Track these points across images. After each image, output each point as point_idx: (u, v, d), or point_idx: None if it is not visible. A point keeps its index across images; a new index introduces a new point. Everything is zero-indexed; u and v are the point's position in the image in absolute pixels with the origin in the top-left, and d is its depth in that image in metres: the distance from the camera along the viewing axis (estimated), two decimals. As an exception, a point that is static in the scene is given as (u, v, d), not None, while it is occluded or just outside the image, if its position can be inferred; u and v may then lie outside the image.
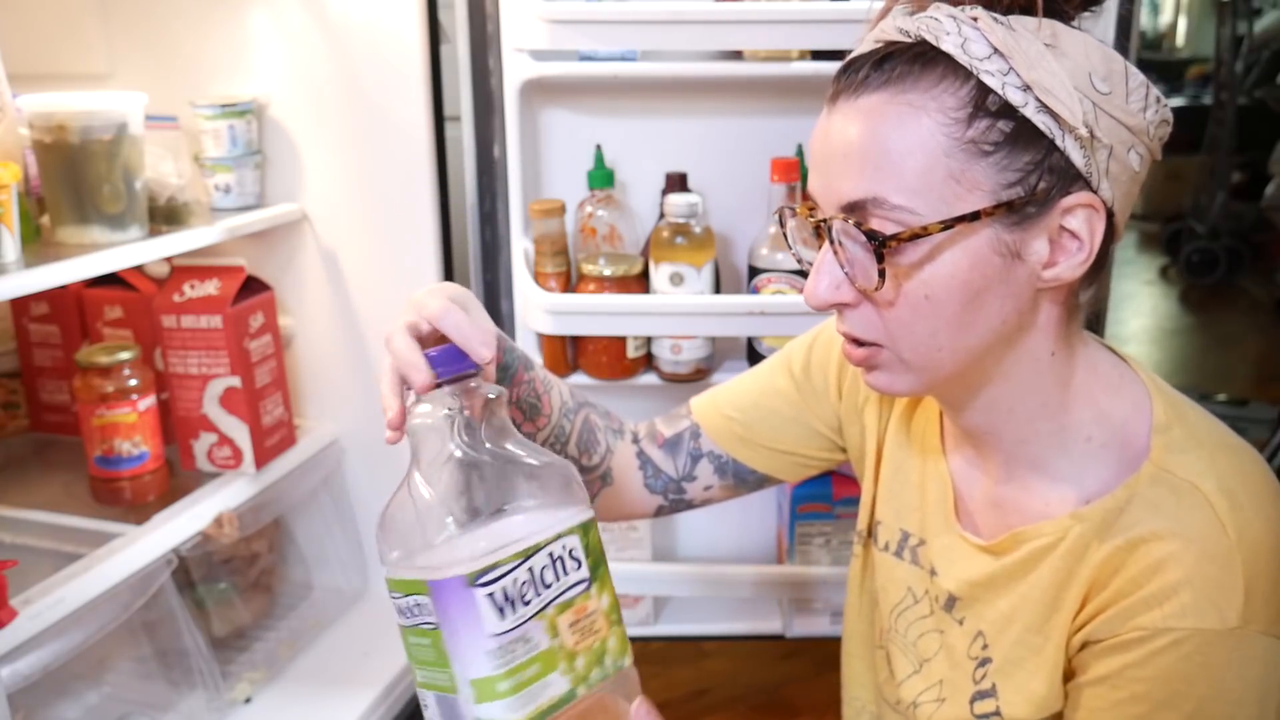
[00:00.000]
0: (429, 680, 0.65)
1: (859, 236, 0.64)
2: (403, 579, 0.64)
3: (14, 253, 1.10)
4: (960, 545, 0.77)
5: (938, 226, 0.62)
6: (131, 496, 1.30)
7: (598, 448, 0.91)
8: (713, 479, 0.93)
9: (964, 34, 0.62)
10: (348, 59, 1.47)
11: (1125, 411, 0.70)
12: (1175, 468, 0.67)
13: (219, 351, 1.32)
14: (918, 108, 0.62)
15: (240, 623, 1.52)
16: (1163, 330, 3.93)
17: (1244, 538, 0.64)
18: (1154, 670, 0.65)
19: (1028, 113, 0.61)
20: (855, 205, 0.64)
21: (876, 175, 0.63)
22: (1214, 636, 0.63)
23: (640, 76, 1.50)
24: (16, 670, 1.07)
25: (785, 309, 1.42)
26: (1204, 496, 0.65)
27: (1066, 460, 0.71)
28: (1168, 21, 6.79)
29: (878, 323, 0.67)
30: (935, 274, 0.63)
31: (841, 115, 0.65)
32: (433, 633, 0.62)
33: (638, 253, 1.54)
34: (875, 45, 0.65)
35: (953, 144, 0.62)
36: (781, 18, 1.34)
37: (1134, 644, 0.65)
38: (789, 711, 1.66)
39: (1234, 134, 4.28)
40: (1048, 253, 0.65)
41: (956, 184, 0.62)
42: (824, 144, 0.66)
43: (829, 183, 0.65)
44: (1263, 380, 3.42)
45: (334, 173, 1.51)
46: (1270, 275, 4.38)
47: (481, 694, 0.61)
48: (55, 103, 1.17)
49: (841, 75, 0.66)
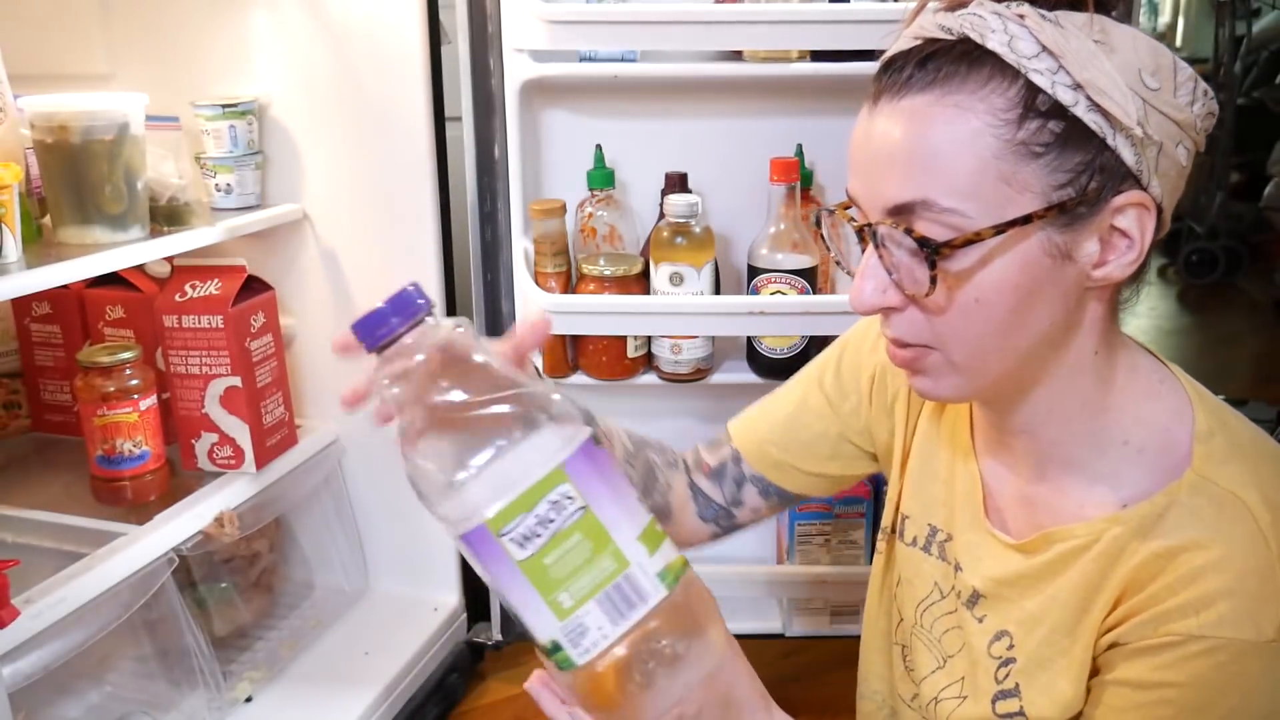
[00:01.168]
0: (586, 587, 0.58)
1: (908, 243, 0.62)
2: (523, 492, 0.57)
3: (15, 253, 1.11)
4: (989, 542, 0.77)
5: (990, 231, 0.61)
6: (133, 496, 1.31)
7: (657, 485, 0.92)
8: (758, 501, 0.94)
9: (1010, 31, 0.60)
10: (348, 59, 1.47)
11: (1166, 417, 0.70)
12: (1218, 477, 0.66)
13: (220, 351, 1.32)
14: (965, 109, 0.60)
15: (241, 622, 1.52)
16: (1161, 330, 3.93)
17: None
18: (1185, 676, 0.64)
19: (1078, 112, 0.60)
20: (902, 208, 0.62)
21: (925, 178, 0.61)
22: (1249, 648, 0.63)
23: (640, 77, 1.51)
24: (18, 669, 1.07)
25: (785, 309, 1.43)
26: (1247, 508, 0.65)
27: (1103, 462, 0.70)
28: (1166, 22, 6.79)
29: (926, 326, 0.66)
30: (986, 278, 0.62)
31: (885, 117, 0.63)
32: (582, 520, 0.57)
33: (638, 253, 1.54)
34: (915, 43, 0.63)
35: (1003, 146, 0.60)
36: (781, 18, 1.34)
37: (1166, 648, 0.65)
38: (789, 711, 1.66)
39: (1232, 134, 4.27)
40: (1098, 252, 0.64)
41: (1007, 186, 0.60)
42: (866, 146, 0.64)
43: (873, 186, 0.64)
44: (1261, 380, 3.42)
45: (335, 173, 1.51)
46: (1269, 275, 4.37)
47: (651, 541, 0.59)
48: (56, 103, 1.17)
49: (883, 74, 0.64)
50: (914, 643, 0.84)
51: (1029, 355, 0.67)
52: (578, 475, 0.57)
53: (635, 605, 0.58)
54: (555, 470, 0.57)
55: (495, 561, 0.57)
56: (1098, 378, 0.70)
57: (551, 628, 0.58)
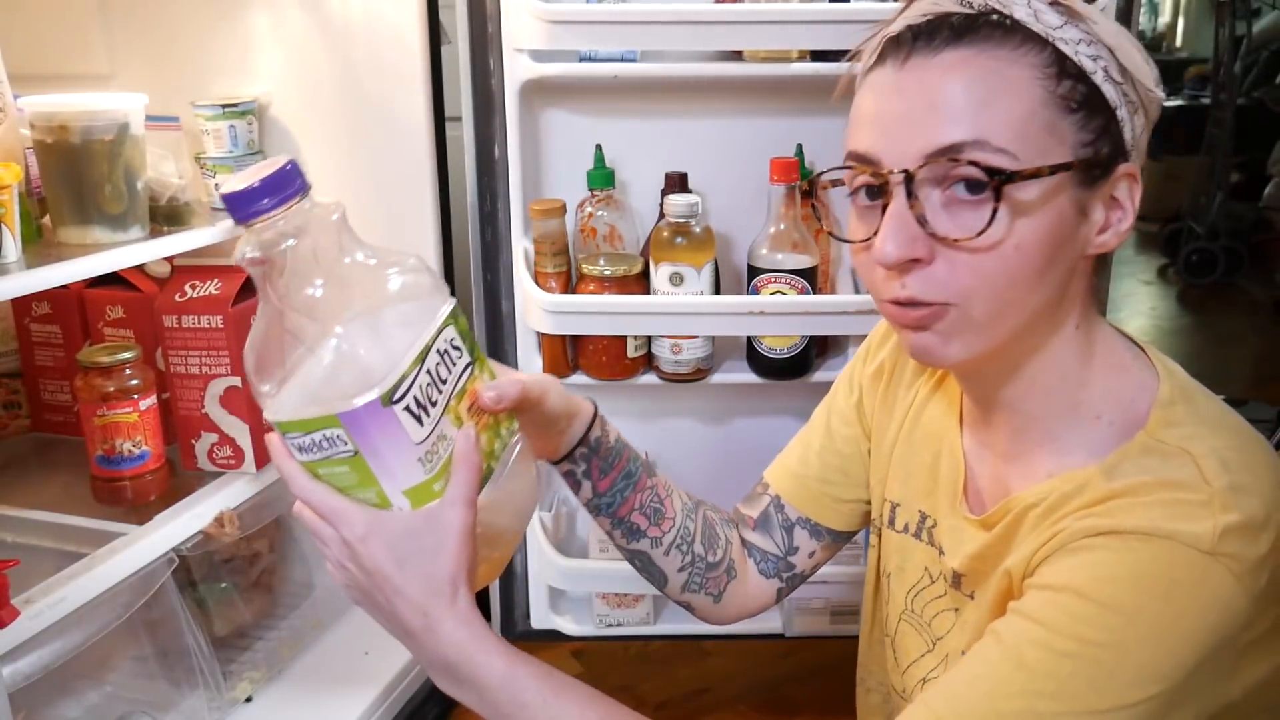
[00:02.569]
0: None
1: (974, 173, 0.62)
2: (304, 419, 0.62)
3: (15, 253, 1.10)
4: (963, 525, 0.78)
5: (1048, 169, 0.62)
6: (133, 496, 1.30)
7: (719, 542, 0.92)
8: (812, 544, 0.94)
9: (1033, 6, 0.64)
10: (348, 59, 1.47)
11: (1132, 390, 0.70)
12: (1168, 437, 0.66)
13: (220, 351, 1.32)
14: (1008, 61, 0.63)
15: (241, 622, 1.52)
16: (1161, 330, 3.93)
17: (1227, 489, 0.61)
18: (1108, 571, 0.62)
19: (1098, 80, 0.64)
20: (951, 148, 0.62)
21: (978, 119, 0.62)
22: (1178, 548, 0.60)
23: (640, 76, 1.51)
24: (18, 669, 1.07)
25: (785, 309, 1.43)
26: (1193, 459, 0.63)
27: (1074, 435, 0.71)
28: (1166, 22, 6.79)
29: (951, 278, 0.64)
30: (1029, 225, 0.63)
31: (917, 71, 0.64)
32: (351, 459, 0.63)
33: (638, 253, 1.54)
34: (930, 15, 0.65)
35: (1048, 95, 0.63)
36: (781, 18, 1.34)
37: (1081, 549, 0.63)
38: (789, 710, 1.66)
39: (1233, 135, 4.27)
40: (1103, 218, 0.67)
41: (1049, 135, 0.63)
42: (897, 98, 0.64)
43: (910, 133, 0.63)
44: (1261, 380, 3.42)
45: (334, 173, 1.51)
46: (1269, 275, 4.38)
47: (419, 498, 0.64)
48: (56, 103, 1.17)
49: (912, 39, 0.64)
50: (903, 628, 0.85)
51: (1034, 319, 0.68)
52: (352, 426, 0.61)
53: None
54: (329, 416, 0.61)
55: (276, 453, 0.66)
56: (1077, 352, 0.71)
57: None
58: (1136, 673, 0.59)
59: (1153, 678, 0.59)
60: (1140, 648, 0.59)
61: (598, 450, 0.83)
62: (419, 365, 0.63)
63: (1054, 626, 0.61)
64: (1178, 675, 0.59)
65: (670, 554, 0.88)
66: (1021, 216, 0.63)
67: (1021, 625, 0.63)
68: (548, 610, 1.70)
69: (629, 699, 0.68)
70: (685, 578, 0.89)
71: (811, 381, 1.51)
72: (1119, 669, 0.59)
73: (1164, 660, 0.59)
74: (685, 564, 0.89)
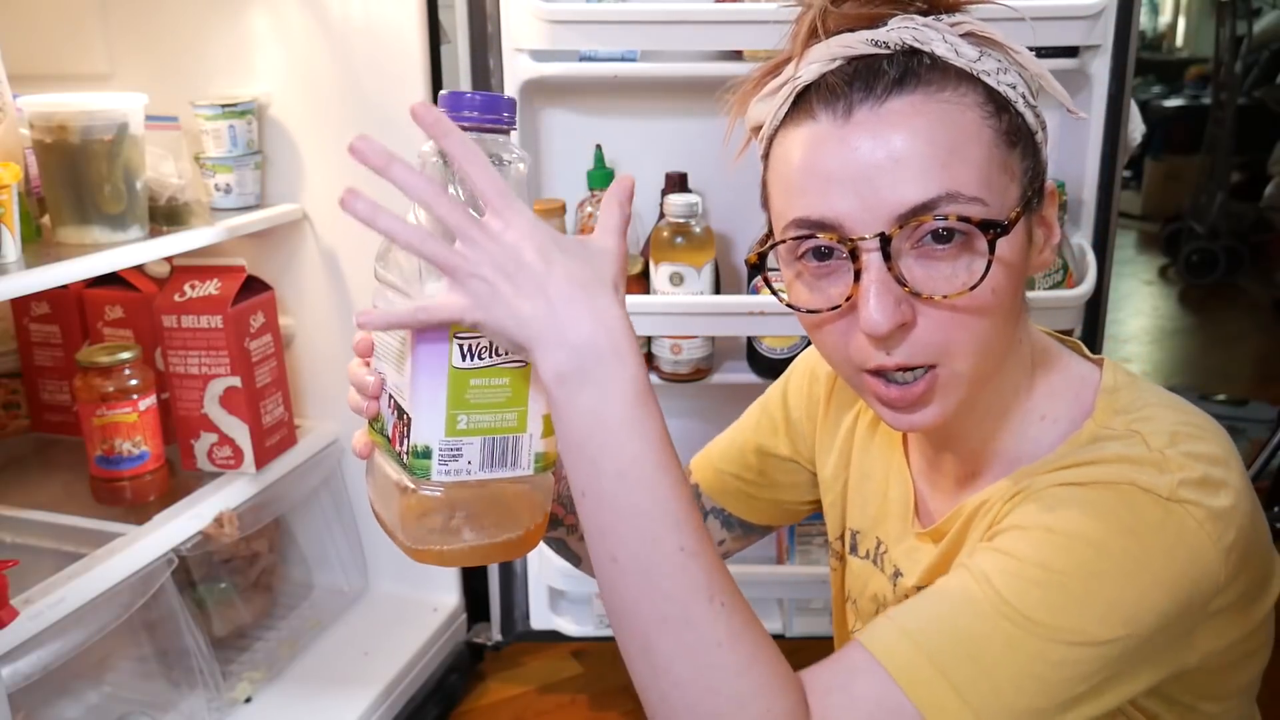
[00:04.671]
0: (484, 424, 0.63)
1: (968, 229, 0.60)
2: None
3: (15, 253, 1.11)
4: (916, 544, 0.77)
5: (1018, 214, 0.62)
6: (132, 496, 1.31)
7: None
8: (723, 533, 0.93)
9: (948, 40, 0.62)
10: (348, 59, 1.47)
11: (1074, 385, 0.70)
12: (1115, 423, 0.65)
13: (219, 351, 1.32)
14: (956, 104, 0.61)
15: (240, 622, 1.52)
16: (1162, 330, 3.93)
17: (1177, 454, 0.61)
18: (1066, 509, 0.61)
19: (1019, 108, 0.63)
20: (925, 206, 0.59)
21: (945, 171, 0.59)
22: (1140, 492, 0.59)
23: (640, 76, 1.51)
24: (17, 669, 1.07)
25: (785, 309, 1.42)
26: (1142, 438, 0.63)
27: (1024, 442, 0.70)
28: (1167, 22, 6.79)
29: (937, 337, 0.62)
30: (1003, 266, 0.62)
31: (867, 126, 0.60)
32: (517, 370, 0.62)
33: (638, 253, 1.54)
34: (838, 62, 0.62)
35: (996, 135, 0.62)
36: (781, 18, 1.33)
37: (1045, 497, 0.62)
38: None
39: (1233, 134, 4.28)
40: (1042, 240, 0.67)
41: (1004, 174, 0.62)
42: (853, 159, 0.60)
43: (876, 195, 0.60)
44: (1262, 380, 3.42)
45: (334, 173, 1.51)
46: (1269, 275, 4.38)
47: (549, 428, 0.63)
48: (56, 103, 1.17)
49: (847, 89, 0.61)
50: None
51: (1006, 357, 0.67)
52: None
53: (506, 465, 0.63)
54: None
55: (432, 355, 0.61)
56: (1023, 366, 0.70)
57: (435, 435, 0.62)
58: (1106, 608, 0.57)
59: (1121, 618, 0.57)
60: (1111, 581, 0.58)
61: None
62: None
63: (1023, 557, 0.59)
64: (1146, 620, 0.58)
65: (584, 540, 0.87)
66: (1004, 257, 0.62)
67: (990, 557, 0.61)
68: (548, 610, 1.69)
69: (629, 699, 0.67)
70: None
71: (811, 382, 1.51)
72: (1089, 599, 0.58)
73: (1134, 599, 0.58)
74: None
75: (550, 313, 0.56)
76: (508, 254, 0.57)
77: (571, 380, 0.56)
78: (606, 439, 0.57)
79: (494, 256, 0.57)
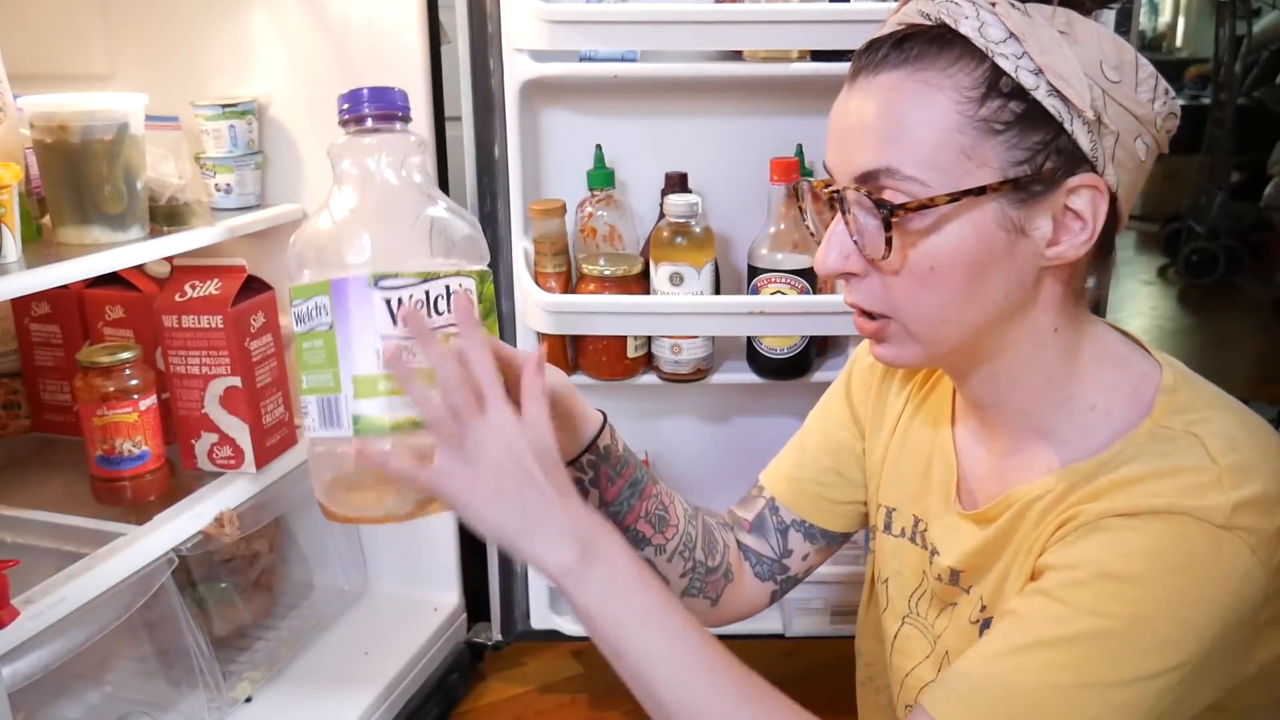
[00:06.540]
0: (314, 385, 0.70)
1: (868, 205, 0.66)
2: (306, 284, 0.69)
3: (15, 253, 1.11)
4: (957, 522, 0.78)
5: (945, 198, 0.64)
6: (132, 496, 1.30)
7: (718, 546, 0.92)
8: (806, 546, 0.94)
9: (982, 18, 0.64)
10: (348, 59, 1.47)
11: (1134, 381, 0.71)
12: (1174, 423, 0.67)
13: (220, 351, 1.32)
14: (934, 85, 0.64)
15: (241, 622, 1.52)
16: (1162, 330, 3.93)
17: (1235, 467, 0.63)
18: (1115, 548, 0.63)
19: (1038, 95, 0.64)
20: (869, 175, 0.66)
21: (891, 147, 0.65)
22: (1191, 522, 0.61)
23: (640, 76, 1.50)
24: (17, 669, 1.07)
25: (785, 309, 1.43)
26: (1199, 441, 0.65)
27: (1070, 426, 0.71)
28: (1167, 22, 6.79)
29: (884, 294, 0.69)
30: (941, 245, 0.65)
31: (860, 91, 0.67)
32: (326, 333, 0.67)
33: (638, 253, 1.54)
34: (896, 28, 0.68)
35: (965, 121, 0.64)
36: (781, 18, 1.34)
37: (1097, 530, 0.64)
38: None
39: (1233, 134, 4.28)
40: (1051, 231, 0.67)
41: (967, 159, 0.64)
42: (842, 118, 0.69)
43: (845, 155, 0.68)
44: (1262, 380, 3.42)
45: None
46: (1269, 275, 4.38)
47: (361, 389, 0.67)
48: (56, 103, 1.17)
49: (861, 55, 0.68)
50: (906, 631, 0.85)
51: (987, 328, 0.69)
52: (337, 295, 0.67)
53: (334, 424, 0.69)
54: (322, 282, 0.67)
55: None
56: (1061, 353, 0.71)
57: (299, 396, 0.72)
58: (1155, 644, 0.60)
59: (1172, 650, 0.60)
60: (1159, 620, 0.60)
61: (607, 458, 0.83)
62: (421, 280, 0.68)
63: (1072, 603, 0.62)
64: (1198, 648, 0.60)
65: (673, 560, 0.88)
66: (934, 235, 0.65)
67: (1040, 603, 0.64)
68: (548, 610, 1.69)
69: (629, 699, 0.67)
70: (686, 583, 0.89)
71: (811, 381, 1.51)
72: (1138, 641, 0.60)
73: (1183, 632, 0.60)
74: (687, 570, 0.89)
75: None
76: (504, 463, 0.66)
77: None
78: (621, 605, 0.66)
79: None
